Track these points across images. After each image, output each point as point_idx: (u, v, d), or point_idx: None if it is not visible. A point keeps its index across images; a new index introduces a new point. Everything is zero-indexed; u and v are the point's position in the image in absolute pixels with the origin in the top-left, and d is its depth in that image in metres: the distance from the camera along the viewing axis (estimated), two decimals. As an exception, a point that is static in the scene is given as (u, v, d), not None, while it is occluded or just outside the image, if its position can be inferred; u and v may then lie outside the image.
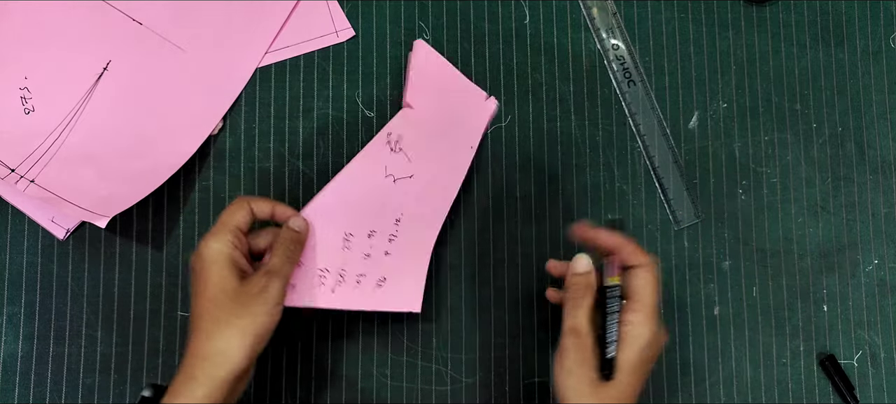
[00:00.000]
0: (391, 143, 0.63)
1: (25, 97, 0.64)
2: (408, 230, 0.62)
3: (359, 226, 0.61)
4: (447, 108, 0.65)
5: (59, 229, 0.64)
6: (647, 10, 0.69)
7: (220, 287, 0.53)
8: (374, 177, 0.62)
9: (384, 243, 0.61)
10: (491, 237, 0.66)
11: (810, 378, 0.66)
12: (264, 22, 0.67)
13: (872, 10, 0.70)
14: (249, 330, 0.52)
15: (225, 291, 0.53)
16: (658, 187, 0.67)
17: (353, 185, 0.62)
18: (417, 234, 0.62)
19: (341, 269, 0.60)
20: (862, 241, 0.68)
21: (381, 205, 0.62)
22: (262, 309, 0.53)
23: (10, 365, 0.63)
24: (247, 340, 0.52)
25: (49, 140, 0.64)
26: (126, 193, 0.62)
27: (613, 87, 0.68)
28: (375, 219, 0.61)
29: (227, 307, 0.52)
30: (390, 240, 0.61)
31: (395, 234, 0.62)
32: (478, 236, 0.66)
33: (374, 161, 0.62)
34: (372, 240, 0.61)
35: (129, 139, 0.64)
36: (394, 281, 0.61)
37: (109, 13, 0.66)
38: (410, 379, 0.65)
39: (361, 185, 0.62)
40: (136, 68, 0.65)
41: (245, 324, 0.52)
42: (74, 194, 0.61)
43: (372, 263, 0.61)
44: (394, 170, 0.62)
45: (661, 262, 0.66)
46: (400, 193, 0.62)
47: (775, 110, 0.68)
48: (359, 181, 0.62)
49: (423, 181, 0.63)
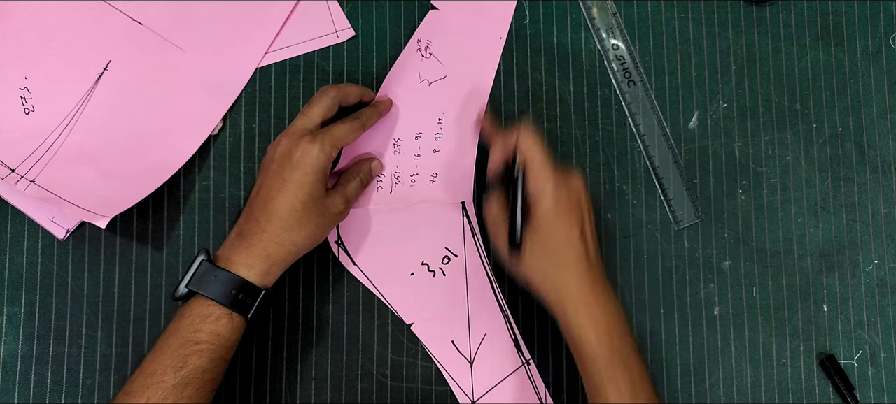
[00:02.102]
0: (422, 49, 0.66)
1: (25, 97, 0.64)
2: (451, 126, 0.66)
3: (405, 131, 0.66)
4: (472, 2, 0.67)
5: (60, 229, 0.64)
6: (647, 10, 0.69)
7: (312, 194, 0.58)
8: (411, 85, 0.66)
9: (431, 142, 0.66)
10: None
11: (810, 378, 0.66)
12: (264, 22, 0.66)
13: (872, 10, 0.70)
14: (319, 235, 0.60)
15: (314, 199, 0.58)
16: (658, 187, 0.67)
17: (393, 96, 0.65)
18: (461, 128, 0.66)
19: (396, 172, 0.66)
20: (862, 241, 0.68)
21: (423, 108, 0.66)
22: (333, 222, 0.61)
23: (10, 365, 0.63)
24: (314, 241, 0.60)
25: (49, 140, 0.64)
26: (126, 193, 0.62)
27: (613, 87, 0.68)
28: (419, 122, 0.66)
29: (311, 211, 0.58)
30: (437, 139, 0.66)
31: (440, 133, 0.66)
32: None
33: (408, 70, 0.66)
34: (419, 141, 0.66)
35: (128, 139, 0.64)
36: (445, 174, 0.66)
37: (109, 13, 0.66)
38: (410, 379, 0.65)
39: (401, 94, 0.66)
40: (136, 68, 0.65)
41: (318, 231, 0.59)
42: (75, 194, 0.61)
43: (423, 162, 0.66)
44: (427, 75, 0.66)
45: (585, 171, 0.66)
46: (437, 94, 0.66)
47: (775, 110, 0.68)
48: (397, 91, 0.65)
49: (456, 79, 0.66)
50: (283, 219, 0.57)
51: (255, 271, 0.56)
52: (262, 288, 0.56)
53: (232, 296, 0.55)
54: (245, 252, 0.56)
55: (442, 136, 0.66)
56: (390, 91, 0.65)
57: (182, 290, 0.56)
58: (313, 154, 0.58)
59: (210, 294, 0.55)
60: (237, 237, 0.57)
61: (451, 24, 0.67)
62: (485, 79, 0.67)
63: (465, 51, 0.67)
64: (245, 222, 0.58)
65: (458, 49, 0.67)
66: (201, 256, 0.56)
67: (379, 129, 0.65)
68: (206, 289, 0.55)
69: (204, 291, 0.55)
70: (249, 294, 0.56)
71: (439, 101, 0.66)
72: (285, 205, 0.57)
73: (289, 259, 0.58)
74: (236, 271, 0.56)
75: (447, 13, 0.67)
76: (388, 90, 0.65)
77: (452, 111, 0.66)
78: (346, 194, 0.61)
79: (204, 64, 0.66)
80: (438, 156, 0.66)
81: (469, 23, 0.67)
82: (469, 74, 0.66)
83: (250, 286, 0.56)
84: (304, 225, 0.58)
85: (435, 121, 0.66)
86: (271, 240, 0.57)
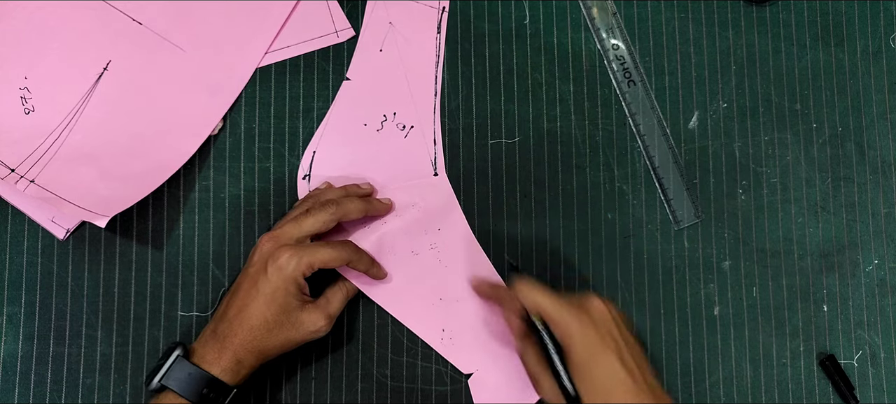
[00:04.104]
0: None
1: (25, 97, 0.64)
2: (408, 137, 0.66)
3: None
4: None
5: (59, 229, 0.64)
6: (647, 10, 0.69)
7: (284, 308, 0.57)
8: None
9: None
10: (491, 237, 0.66)
11: (810, 378, 0.66)
12: (264, 22, 0.67)
13: (872, 10, 0.70)
14: (292, 345, 0.59)
15: (286, 313, 0.58)
16: (658, 187, 0.67)
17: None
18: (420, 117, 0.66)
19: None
20: (862, 241, 0.68)
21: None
22: (309, 338, 0.59)
23: (10, 365, 0.63)
24: (287, 348, 0.59)
25: (49, 140, 0.64)
26: (126, 193, 0.62)
27: (613, 87, 0.68)
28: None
29: (283, 325, 0.58)
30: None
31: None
32: (477, 236, 0.66)
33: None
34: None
35: (128, 139, 0.64)
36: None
37: (110, 13, 0.66)
38: (410, 379, 0.65)
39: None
40: (136, 68, 0.65)
41: (290, 343, 0.59)
42: (74, 194, 0.61)
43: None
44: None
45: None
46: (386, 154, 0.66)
47: (775, 110, 0.68)
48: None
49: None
50: (253, 329, 0.57)
51: (226, 371, 0.56)
52: (233, 386, 0.57)
53: (202, 395, 0.56)
54: (217, 351, 0.57)
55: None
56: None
57: (155, 384, 0.56)
58: (288, 269, 0.57)
59: (181, 390, 0.55)
60: (211, 335, 0.57)
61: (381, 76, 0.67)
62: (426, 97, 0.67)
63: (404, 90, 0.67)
64: (220, 320, 0.58)
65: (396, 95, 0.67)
66: (177, 351, 0.57)
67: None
68: (177, 385, 0.56)
69: (175, 387, 0.56)
70: (220, 392, 0.56)
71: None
72: (257, 314, 0.57)
73: (260, 362, 0.58)
74: (208, 369, 0.56)
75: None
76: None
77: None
78: (329, 312, 0.60)
79: (204, 64, 0.66)
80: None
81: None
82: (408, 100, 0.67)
83: (221, 384, 0.56)
84: (275, 336, 0.57)
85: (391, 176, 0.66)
86: (242, 346, 0.57)
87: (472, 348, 0.64)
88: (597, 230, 0.67)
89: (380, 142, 0.66)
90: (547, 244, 0.66)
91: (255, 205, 0.66)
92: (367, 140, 0.66)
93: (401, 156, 0.66)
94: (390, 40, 0.67)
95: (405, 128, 0.66)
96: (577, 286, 0.66)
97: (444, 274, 0.64)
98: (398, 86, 0.67)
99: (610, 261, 0.66)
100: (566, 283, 0.66)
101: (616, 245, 0.67)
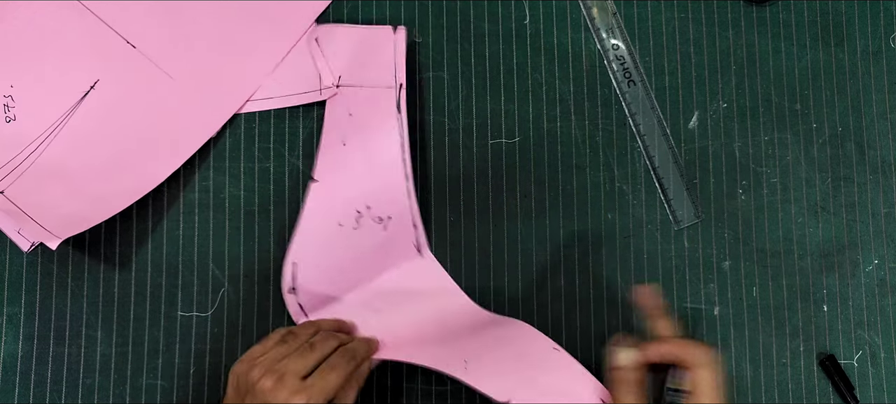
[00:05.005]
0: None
1: (9, 105, 0.63)
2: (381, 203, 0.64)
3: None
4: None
5: (25, 242, 0.61)
6: (647, 10, 0.69)
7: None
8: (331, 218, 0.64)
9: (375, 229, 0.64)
10: (490, 237, 0.66)
11: (810, 378, 0.66)
12: (255, 65, 0.65)
13: (872, 10, 0.70)
14: None
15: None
16: (658, 187, 0.67)
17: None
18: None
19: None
20: (862, 241, 0.68)
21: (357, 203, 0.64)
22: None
23: (10, 365, 0.63)
24: None
25: (26, 151, 0.63)
26: (89, 214, 0.61)
27: (613, 87, 0.68)
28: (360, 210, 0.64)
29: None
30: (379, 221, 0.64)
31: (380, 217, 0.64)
32: (477, 236, 0.66)
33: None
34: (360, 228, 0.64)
35: (104, 160, 0.63)
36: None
37: (105, 33, 0.65)
38: (410, 379, 0.65)
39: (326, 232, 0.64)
40: (123, 91, 0.65)
41: None
42: (37, 211, 0.60)
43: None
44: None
45: (719, 352, 0.66)
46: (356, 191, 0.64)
47: (775, 110, 0.68)
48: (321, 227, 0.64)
49: (358, 172, 0.64)
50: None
51: None
52: None
53: None
54: None
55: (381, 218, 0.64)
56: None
57: None
58: (279, 394, 0.52)
59: None
60: None
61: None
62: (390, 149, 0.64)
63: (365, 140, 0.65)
64: None
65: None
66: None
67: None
68: None
69: None
70: None
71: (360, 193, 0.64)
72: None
73: None
74: None
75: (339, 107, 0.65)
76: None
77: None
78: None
79: (190, 95, 0.65)
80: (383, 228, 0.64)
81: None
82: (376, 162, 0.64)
83: None
84: None
85: (365, 207, 0.64)
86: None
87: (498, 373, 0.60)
88: (597, 230, 0.67)
89: (360, 240, 0.63)
90: (547, 244, 0.66)
91: (255, 205, 0.66)
92: (346, 240, 0.63)
93: (384, 250, 0.64)
94: (352, 132, 0.64)
95: (383, 221, 0.64)
96: (578, 286, 0.66)
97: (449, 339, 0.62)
98: (367, 178, 0.64)
99: (610, 261, 0.66)
100: (566, 283, 0.66)
101: (616, 245, 0.67)
